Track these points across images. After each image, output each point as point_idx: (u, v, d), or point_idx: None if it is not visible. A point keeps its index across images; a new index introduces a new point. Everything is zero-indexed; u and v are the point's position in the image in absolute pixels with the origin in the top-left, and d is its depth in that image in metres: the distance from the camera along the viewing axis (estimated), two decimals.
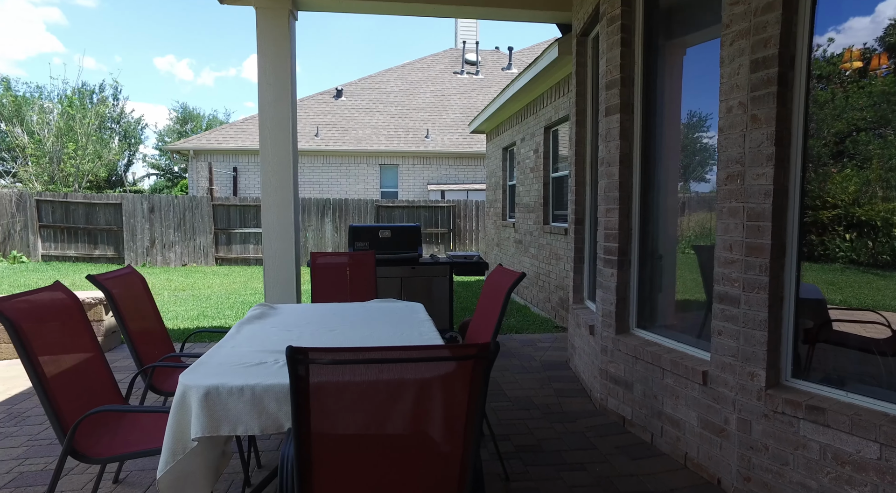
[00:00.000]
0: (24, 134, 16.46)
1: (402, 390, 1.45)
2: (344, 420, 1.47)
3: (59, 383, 2.27)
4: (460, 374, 1.44)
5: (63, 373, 2.32)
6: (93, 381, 2.52)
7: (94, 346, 2.59)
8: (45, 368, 2.21)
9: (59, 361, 2.33)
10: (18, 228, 12.88)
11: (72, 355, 2.44)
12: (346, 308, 3.48)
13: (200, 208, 13.07)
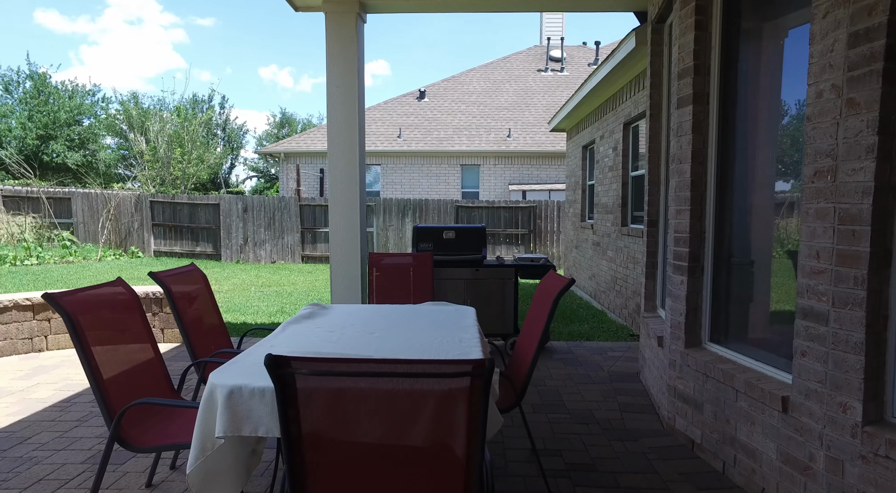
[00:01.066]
0: (143, 142, 18.29)
1: (391, 406, 1.34)
2: (330, 431, 1.39)
3: (111, 374, 2.39)
4: (455, 391, 1.31)
5: (115, 364, 2.45)
6: (145, 372, 2.65)
7: (148, 339, 2.72)
8: (98, 358, 2.34)
9: (112, 352, 2.46)
10: (136, 226, 14.27)
11: (125, 347, 2.57)
12: (395, 311, 3.43)
13: (289, 208, 13.77)
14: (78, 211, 14.40)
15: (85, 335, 2.31)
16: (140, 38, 48.80)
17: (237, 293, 9.28)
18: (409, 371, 1.29)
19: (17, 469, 3.10)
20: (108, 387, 2.35)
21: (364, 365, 1.31)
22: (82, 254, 13.27)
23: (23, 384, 4.49)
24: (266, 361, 1.29)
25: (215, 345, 3.32)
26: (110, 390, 2.36)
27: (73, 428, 3.63)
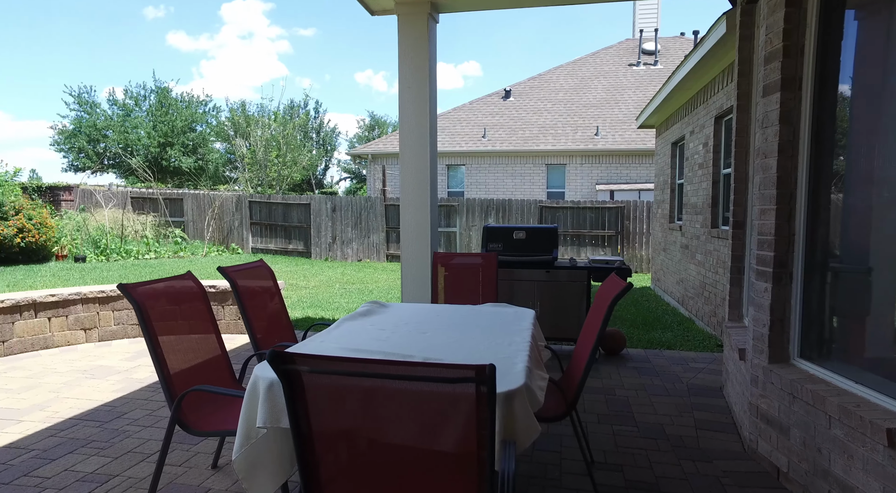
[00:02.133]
0: (245, 146, 19.74)
1: (395, 408, 1.30)
2: (337, 428, 1.37)
3: (175, 361, 2.56)
4: (458, 396, 1.24)
5: (179, 352, 2.62)
6: (208, 361, 2.81)
7: (213, 330, 2.89)
8: (164, 346, 2.51)
9: (177, 341, 2.63)
10: (236, 224, 15.40)
11: (190, 336, 2.75)
12: (452, 311, 3.40)
13: (374, 208, 14.21)
14: (188, 210, 15.81)
15: (152, 324, 2.49)
16: (250, 51, 52.77)
17: (322, 290, 9.71)
18: (410, 374, 1.24)
19: (112, 440, 3.42)
20: (172, 373, 2.52)
21: (366, 366, 1.28)
22: (191, 250, 14.54)
23: (127, 365, 4.97)
24: (269, 356, 1.30)
25: (279, 338, 3.46)
26: (174, 376, 2.52)
27: (160, 408, 3.96)
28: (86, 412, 3.88)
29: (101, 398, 4.16)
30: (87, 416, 3.82)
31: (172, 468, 3.03)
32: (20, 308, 5.25)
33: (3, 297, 5.17)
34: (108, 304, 5.76)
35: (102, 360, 5.12)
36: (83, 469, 3.06)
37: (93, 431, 3.57)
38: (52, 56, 43.43)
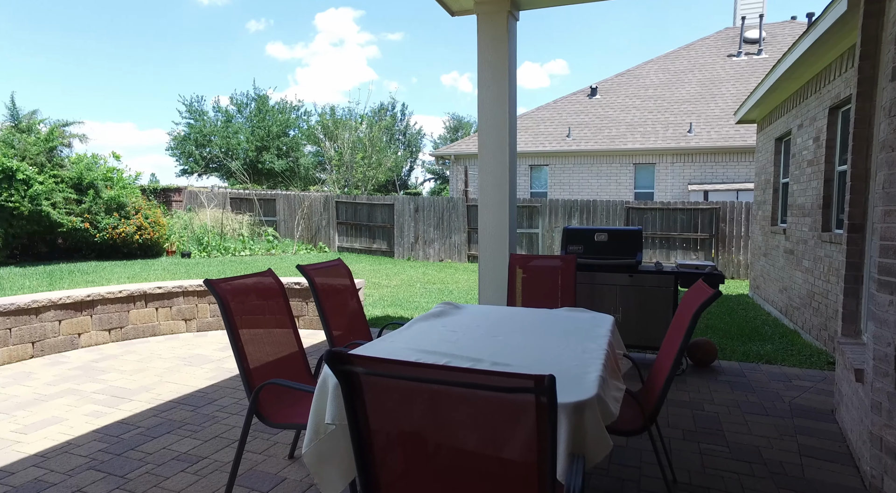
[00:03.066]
0: (332, 148, 20.61)
1: (454, 415, 1.25)
2: (394, 431, 1.34)
3: (254, 354, 2.67)
4: (517, 407, 1.17)
5: (258, 345, 2.73)
6: (285, 355, 2.91)
7: (291, 325, 2.99)
8: (244, 339, 2.63)
9: (257, 335, 2.74)
10: (324, 223, 16.10)
11: (269, 331, 2.86)
12: (526, 315, 3.30)
13: (456, 209, 14.28)
14: (280, 210, 16.74)
15: (234, 318, 2.61)
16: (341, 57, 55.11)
17: (403, 289, 9.88)
18: (466, 381, 1.18)
19: (203, 424, 3.65)
20: (251, 364, 2.63)
21: (422, 370, 1.23)
22: (281, 248, 15.38)
23: (220, 355, 5.31)
24: (326, 356, 1.29)
25: (355, 336, 3.53)
26: (253, 369, 2.63)
27: (245, 397, 4.18)
28: (182, 397, 4.17)
29: (195, 385, 4.46)
30: (183, 400, 4.11)
31: (253, 455, 3.18)
32: (134, 299, 5.77)
33: (121, 288, 5.71)
34: (205, 297, 6.19)
35: (199, 349, 5.51)
36: (178, 449, 3.28)
37: (187, 414, 3.83)
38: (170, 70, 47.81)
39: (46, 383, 4.46)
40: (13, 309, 4.94)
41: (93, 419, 3.75)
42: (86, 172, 12.64)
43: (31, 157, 12.36)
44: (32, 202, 11.16)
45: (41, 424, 3.68)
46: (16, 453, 3.26)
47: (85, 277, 10.00)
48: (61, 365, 4.93)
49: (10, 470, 3.07)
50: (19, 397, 4.17)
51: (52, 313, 5.21)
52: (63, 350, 5.31)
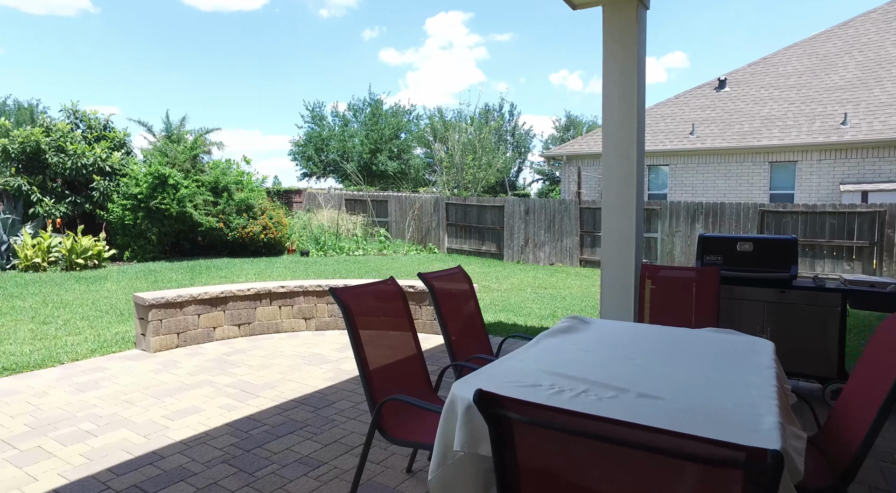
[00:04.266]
0: (444, 150, 20.86)
1: (627, 481, 1.02)
2: (545, 478, 1.14)
3: (376, 364, 2.61)
4: (717, 483, 0.92)
5: (380, 356, 2.66)
6: (406, 367, 2.83)
7: (412, 337, 2.90)
8: (366, 349, 2.57)
9: (379, 345, 2.68)
10: (434, 225, 16.31)
11: (391, 342, 2.79)
12: (665, 334, 2.95)
13: (568, 211, 13.78)
14: (392, 211, 17.22)
15: (358, 329, 2.56)
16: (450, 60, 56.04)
17: (513, 293, 9.66)
18: (649, 443, 0.95)
19: (323, 427, 3.71)
20: (374, 376, 2.57)
21: (593, 424, 1.02)
22: (393, 248, 15.80)
23: (337, 355, 5.45)
24: (475, 397, 1.12)
25: (475, 348, 3.38)
26: (374, 380, 2.56)
27: (362, 401, 4.20)
28: (303, 397, 4.30)
29: (315, 385, 4.58)
30: (304, 400, 4.22)
31: (371, 465, 3.14)
32: (260, 297, 6.11)
33: (249, 286, 6.07)
34: (323, 297, 6.41)
35: (317, 348, 5.69)
36: (300, 451, 3.35)
37: (308, 415, 3.92)
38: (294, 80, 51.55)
39: (188, 373, 4.81)
40: (163, 303, 5.42)
41: (225, 412, 3.96)
42: (221, 177, 13.84)
43: (179, 164, 13.78)
44: (179, 204, 12.42)
45: (184, 412, 3.94)
46: (166, 438, 3.51)
47: (219, 272, 10.91)
48: (199, 356, 5.32)
49: (162, 454, 3.29)
50: (167, 384, 4.54)
51: (192, 308, 5.65)
52: (201, 342, 5.74)
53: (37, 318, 6.81)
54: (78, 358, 5.20)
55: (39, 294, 8.34)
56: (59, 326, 6.43)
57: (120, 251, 12.41)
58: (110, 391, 4.35)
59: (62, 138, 12.27)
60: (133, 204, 12.12)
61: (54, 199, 12.21)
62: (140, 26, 47.49)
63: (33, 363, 4.99)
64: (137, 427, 3.68)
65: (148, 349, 5.40)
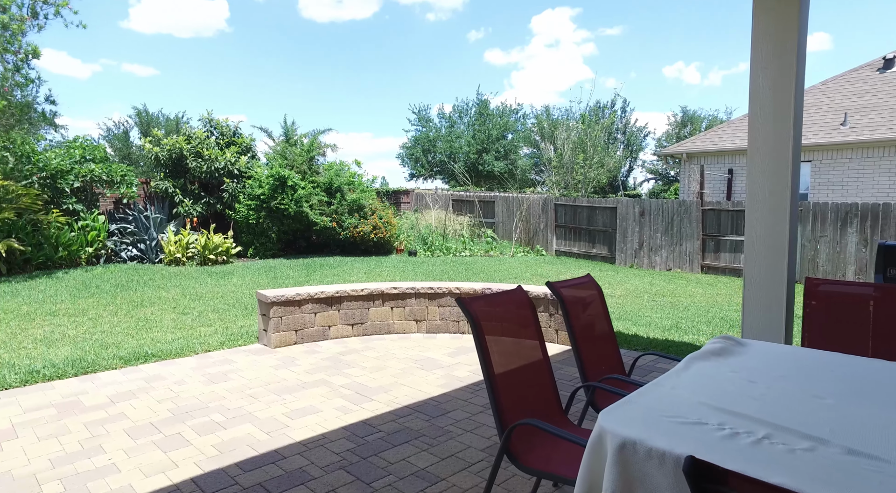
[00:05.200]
0: (552, 149, 20.26)
1: None
2: None
3: (504, 382, 2.38)
4: None
5: (508, 372, 2.43)
6: (535, 385, 2.57)
7: (542, 353, 2.64)
8: (494, 364, 2.35)
9: (507, 360, 2.45)
10: (542, 226, 15.85)
11: (519, 358, 2.55)
12: (848, 364, 2.43)
13: (689, 213, 12.72)
14: (499, 212, 16.99)
15: (486, 341, 2.36)
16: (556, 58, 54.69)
17: (629, 300, 9.03)
18: None
19: (438, 438, 3.57)
20: (502, 394, 2.34)
21: None
22: (499, 249, 15.57)
23: (449, 361, 5.32)
24: (685, 466, 0.85)
25: (606, 366, 3.05)
26: (503, 398, 2.34)
27: (478, 413, 4.01)
28: (417, 404, 4.19)
29: (428, 391, 4.47)
30: (418, 407, 4.12)
31: (493, 487, 2.93)
32: (373, 297, 6.16)
33: (363, 286, 6.15)
34: (434, 299, 6.33)
35: (429, 352, 5.60)
36: (416, 464, 3.22)
37: (423, 424, 3.80)
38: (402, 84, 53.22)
39: (306, 371, 4.93)
40: (283, 301, 5.62)
41: (342, 415, 3.95)
42: (335, 178, 14.45)
43: (297, 166, 14.59)
44: (296, 205, 13.12)
45: (302, 411, 4.00)
46: (286, 437, 3.55)
47: (332, 270, 11.35)
48: (316, 354, 5.44)
49: (283, 454, 3.33)
50: (287, 381, 4.66)
51: (310, 306, 5.82)
52: (317, 340, 5.89)
53: (177, 308, 7.43)
54: (209, 349, 5.53)
55: (179, 287, 9.14)
56: (194, 317, 6.95)
57: (244, 248, 13.36)
58: (236, 385, 4.55)
59: (200, 145, 13.45)
60: (256, 204, 12.99)
61: (192, 200, 13.43)
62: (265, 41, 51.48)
63: (174, 352, 5.38)
64: (261, 423, 3.78)
65: (269, 345, 5.63)
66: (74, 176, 11.53)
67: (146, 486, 2.96)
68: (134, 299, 7.98)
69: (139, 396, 4.27)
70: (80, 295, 8.23)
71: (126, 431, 3.64)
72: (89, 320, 6.74)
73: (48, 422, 3.79)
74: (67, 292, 8.39)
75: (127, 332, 6.19)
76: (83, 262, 11.22)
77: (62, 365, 4.90)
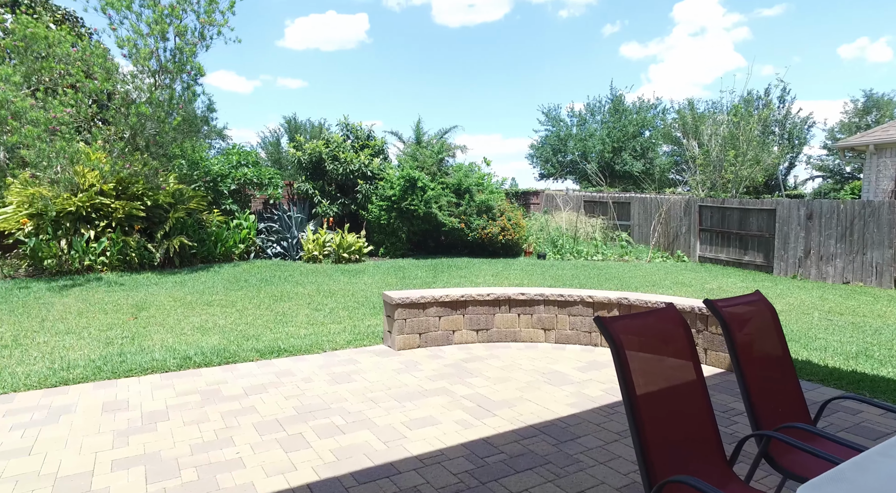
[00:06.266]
0: (696, 146, 18.42)
1: None
2: None
3: (653, 422, 1.94)
4: None
5: (658, 412, 1.99)
6: (692, 426, 2.09)
7: (699, 387, 2.15)
8: (641, 398, 1.93)
9: (657, 397, 2.00)
10: (683, 230, 14.44)
11: (672, 393, 2.08)
12: None
13: (877, 216, 10.70)
14: (634, 214, 15.81)
15: (630, 370, 1.94)
16: (701, 48, 50.16)
17: (793, 317, 7.75)
18: None
19: (567, 468, 3.17)
20: (650, 436, 1.91)
21: None
22: (635, 254, 14.45)
23: (580, 376, 4.85)
24: None
25: (783, 406, 2.44)
26: (651, 442, 1.90)
27: (613, 441, 3.53)
28: (543, 424, 3.81)
29: (556, 410, 4.07)
30: (544, 428, 3.74)
31: None
32: (499, 303, 5.87)
33: (489, 291, 5.88)
34: (564, 308, 5.87)
35: (557, 365, 5.18)
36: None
37: (549, 449, 3.42)
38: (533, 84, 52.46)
39: (427, 377, 4.77)
40: (408, 303, 5.55)
41: (461, 429, 3.71)
42: (464, 179, 14.42)
43: (426, 167, 14.82)
44: (426, 206, 13.30)
45: (421, 421, 3.82)
46: (403, 449, 3.39)
47: (459, 271, 11.27)
48: (439, 360, 5.28)
49: (398, 468, 3.16)
50: (408, 386, 4.54)
51: (434, 309, 5.68)
52: (441, 344, 5.74)
53: (311, 304, 7.78)
54: (336, 348, 5.63)
55: (315, 283, 9.63)
56: (326, 313, 7.21)
57: (375, 247, 13.84)
58: (359, 387, 4.52)
59: (337, 148, 14.21)
60: (387, 205, 13.38)
61: (329, 200, 14.22)
62: (400, 49, 53.83)
63: (304, 348, 5.56)
64: (379, 431, 3.66)
65: (393, 346, 5.59)
66: (231, 179, 12.77)
67: (266, 486, 2.95)
68: (275, 294, 8.52)
69: (269, 390, 4.41)
70: (232, 288, 9.00)
71: (254, 425, 3.73)
72: (237, 311, 7.28)
73: (193, 408, 4.02)
74: (222, 285, 9.23)
75: (266, 325, 6.56)
76: (236, 257, 12.37)
77: (210, 354, 5.26)
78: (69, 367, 4.85)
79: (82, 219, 10.31)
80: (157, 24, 10.24)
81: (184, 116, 10.76)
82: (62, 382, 4.52)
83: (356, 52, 52.40)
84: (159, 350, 5.39)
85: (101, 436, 3.56)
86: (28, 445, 3.43)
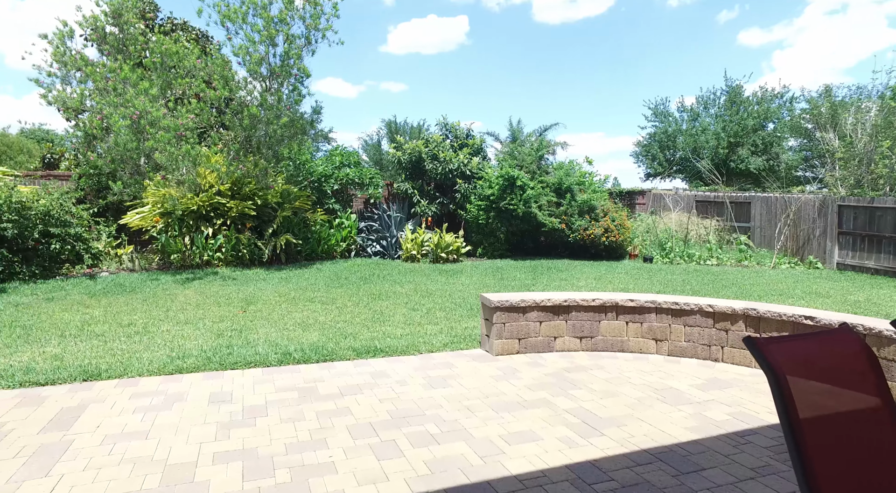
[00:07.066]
0: (835, 138, 16.30)
1: None
2: None
3: (828, 476, 1.51)
4: None
5: (837, 461, 1.55)
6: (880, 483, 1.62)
7: (892, 434, 1.67)
8: (813, 450, 1.51)
9: (835, 448, 1.57)
10: (817, 233, 12.82)
11: (855, 436, 1.63)
12: None
13: None
14: (755, 215, 14.30)
15: (797, 409, 1.52)
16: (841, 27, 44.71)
17: None
18: None
19: None
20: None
21: None
22: (756, 259, 13.04)
23: (699, 395, 4.31)
24: None
25: None
26: None
27: (747, 480, 3.02)
28: (659, 449, 3.37)
29: (673, 433, 3.59)
30: (660, 454, 3.30)
31: None
32: (605, 309, 5.42)
33: (595, 296, 5.45)
34: (679, 317, 5.29)
35: (672, 380, 4.64)
36: None
37: (668, 480, 2.99)
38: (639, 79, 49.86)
39: (527, 386, 4.47)
40: (507, 306, 5.27)
41: (565, 448, 3.37)
42: (564, 178, 13.85)
43: (525, 166, 14.42)
44: (525, 205, 12.91)
45: (520, 436, 3.53)
46: (501, 467, 3.13)
47: (559, 274, 10.78)
48: (539, 368, 4.95)
49: (496, 488, 2.91)
50: (506, 395, 4.27)
51: (535, 314, 5.35)
52: (541, 351, 5.40)
53: (409, 304, 7.74)
54: (433, 350, 5.48)
55: (413, 282, 9.63)
56: (423, 314, 7.11)
57: (473, 247, 13.66)
58: (455, 393, 4.31)
59: (436, 148, 14.23)
60: (486, 204, 13.15)
61: (428, 200, 14.28)
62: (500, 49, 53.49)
63: (400, 349, 5.46)
64: (475, 444, 3.42)
65: (490, 351, 5.33)
66: (335, 179, 13.21)
67: None
68: (373, 292, 8.60)
69: (364, 391, 4.33)
70: (332, 285, 9.23)
71: (348, 428, 3.64)
72: (336, 308, 7.40)
73: (290, 405, 4.03)
74: (323, 282, 9.50)
75: (364, 323, 6.58)
76: (337, 255, 12.77)
77: (308, 351, 5.32)
78: (184, 356, 5.11)
79: (202, 217, 11.13)
80: (266, 31, 10.80)
81: (290, 117, 11.25)
82: (177, 370, 4.76)
83: (456, 54, 52.86)
84: (262, 344, 5.55)
85: (206, 427, 3.64)
86: (146, 428, 3.59)
